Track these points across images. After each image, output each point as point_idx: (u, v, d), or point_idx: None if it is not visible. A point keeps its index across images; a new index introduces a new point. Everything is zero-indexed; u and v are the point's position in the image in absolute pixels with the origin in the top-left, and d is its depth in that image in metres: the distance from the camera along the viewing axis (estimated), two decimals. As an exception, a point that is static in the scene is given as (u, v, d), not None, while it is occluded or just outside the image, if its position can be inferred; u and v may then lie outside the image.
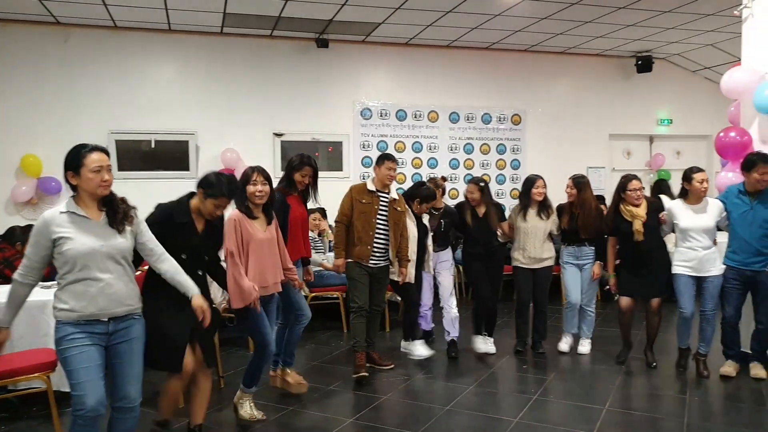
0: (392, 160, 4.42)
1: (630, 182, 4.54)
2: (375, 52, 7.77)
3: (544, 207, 4.95)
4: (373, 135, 7.81)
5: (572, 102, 8.51)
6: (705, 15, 6.60)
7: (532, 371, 4.65)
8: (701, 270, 4.32)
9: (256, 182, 3.40)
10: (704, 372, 4.37)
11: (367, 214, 4.36)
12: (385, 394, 4.13)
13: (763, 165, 4.03)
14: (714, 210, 4.32)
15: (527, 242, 4.91)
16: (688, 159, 8.60)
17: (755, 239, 4.10)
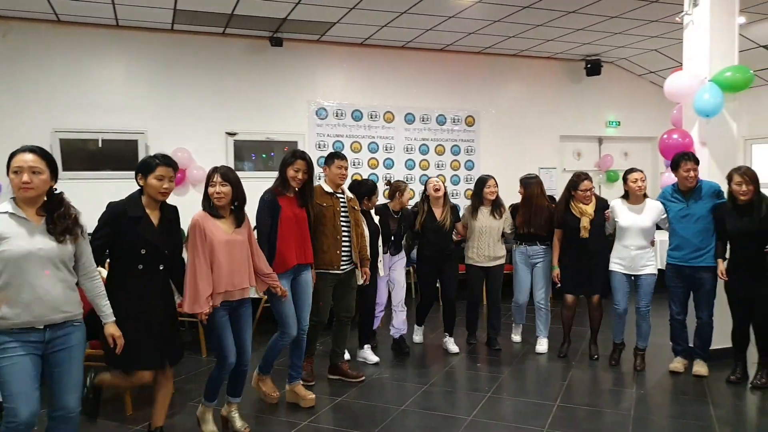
0: (342, 159, 4.26)
1: (582, 182, 4.67)
2: (330, 51, 7.73)
3: (497, 207, 5.05)
4: (329, 135, 7.76)
5: (524, 104, 8.67)
6: (649, 21, 6.83)
7: (486, 369, 4.72)
8: (634, 268, 4.49)
9: (215, 183, 3.25)
10: (640, 366, 4.55)
11: (331, 217, 4.18)
12: (340, 396, 4.10)
13: (685, 162, 4.24)
14: (653, 210, 4.46)
15: (481, 241, 5.00)
16: (635, 160, 8.90)
17: (693, 235, 4.27)
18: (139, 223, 2.91)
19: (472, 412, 3.77)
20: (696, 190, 4.30)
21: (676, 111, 5.08)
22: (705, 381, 4.27)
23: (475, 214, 5.03)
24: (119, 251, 2.94)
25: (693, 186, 4.29)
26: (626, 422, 3.59)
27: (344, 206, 4.30)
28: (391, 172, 8.02)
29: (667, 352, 4.65)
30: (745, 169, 4.02)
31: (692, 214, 4.29)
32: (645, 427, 3.55)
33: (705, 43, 4.67)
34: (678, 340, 4.53)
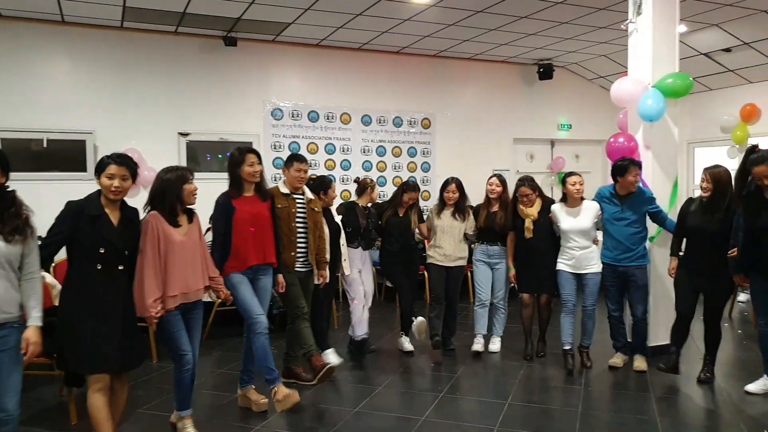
0: (301, 161, 4.24)
1: (519, 189, 4.81)
2: (286, 52, 7.68)
3: (460, 209, 5.07)
4: (285, 136, 7.71)
5: (479, 107, 8.80)
6: (598, 27, 7.03)
7: (440, 369, 4.76)
8: (579, 268, 4.62)
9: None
10: (587, 363, 4.69)
11: (286, 219, 4.13)
12: (296, 398, 4.07)
13: (632, 167, 4.40)
14: (590, 212, 4.59)
15: (443, 241, 5.03)
16: (585, 162, 9.17)
17: (625, 238, 4.45)
18: (97, 221, 2.85)
19: (425, 412, 3.81)
20: (633, 195, 4.47)
21: (622, 115, 5.24)
22: (646, 376, 4.42)
23: (439, 214, 5.11)
24: (78, 250, 2.86)
25: (633, 191, 4.46)
26: (573, 418, 3.68)
27: (302, 208, 4.27)
28: (348, 174, 8.02)
29: (609, 348, 4.79)
30: (714, 168, 4.12)
31: (626, 217, 4.47)
32: (591, 422, 3.65)
33: (648, 50, 4.83)
34: (617, 336, 4.70)
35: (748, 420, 3.62)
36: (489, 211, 5.02)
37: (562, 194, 4.74)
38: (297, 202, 4.24)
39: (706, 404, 3.96)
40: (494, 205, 5.03)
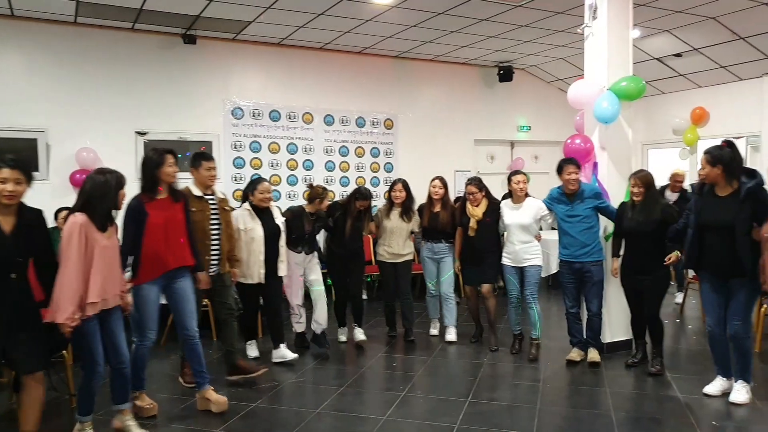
0: (210, 160, 4.22)
1: (466, 187, 5.09)
2: (246, 50, 7.59)
3: (406, 210, 5.34)
4: (245, 135, 7.61)
5: (441, 108, 8.87)
6: (556, 31, 7.18)
7: (401, 368, 4.79)
8: (520, 261, 4.89)
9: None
10: (533, 355, 4.86)
11: (201, 222, 4.09)
12: (254, 402, 4.03)
13: (567, 166, 4.60)
14: (532, 208, 4.85)
15: (391, 240, 5.36)
16: (545, 163, 9.31)
17: (578, 234, 4.62)
18: None
19: (387, 411, 3.82)
20: (579, 192, 4.66)
21: (579, 117, 5.36)
22: (603, 371, 4.53)
23: (388, 214, 5.39)
24: None
25: (575, 189, 4.63)
26: (532, 414, 3.75)
27: (215, 209, 4.26)
28: (311, 174, 7.98)
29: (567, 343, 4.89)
30: (640, 173, 4.40)
31: (576, 214, 4.64)
32: (549, 417, 3.73)
33: (603, 54, 4.95)
34: (574, 332, 4.83)
35: (698, 411, 3.75)
36: (432, 212, 5.32)
37: (508, 191, 5.02)
38: (210, 205, 4.24)
39: (658, 397, 4.07)
40: (437, 205, 5.31)
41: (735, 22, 6.58)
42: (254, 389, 4.25)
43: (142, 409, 3.70)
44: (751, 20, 6.45)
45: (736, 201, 3.64)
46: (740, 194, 3.63)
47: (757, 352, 4.91)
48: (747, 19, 6.44)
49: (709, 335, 4.00)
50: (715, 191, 3.78)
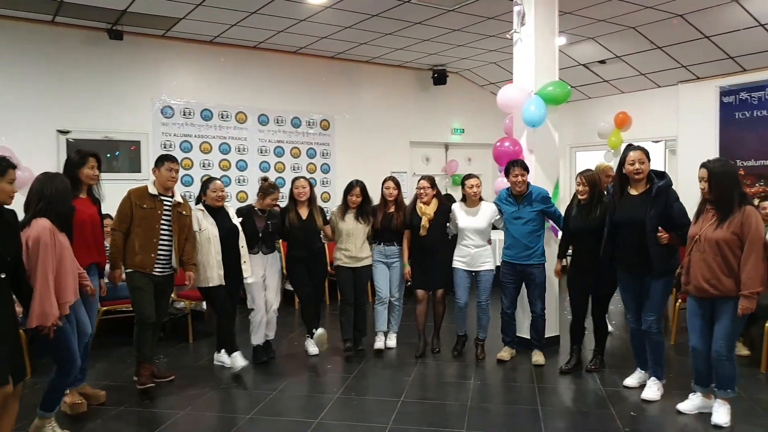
0: (173, 161, 4.21)
1: (419, 181, 5.02)
2: (177, 48, 7.37)
3: (363, 212, 5.12)
4: (176, 135, 7.39)
5: (377, 110, 8.92)
6: (488, 36, 7.36)
7: (337, 370, 4.77)
8: (474, 265, 4.85)
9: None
10: (481, 355, 4.91)
11: (149, 219, 4.10)
12: (183, 408, 3.92)
13: (513, 168, 4.65)
14: (487, 212, 4.84)
15: (348, 243, 5.09)
16: (477, 165, 9.54)
17: (522, 236, 4.66)
18: None
19: (320, 414, 3.80)
20: (526, 195, 4.69)
21: (508, 120, 5.52)
22: (533, 368, 4.66)
23: (343, 216, 5.14)
24: None
25: (522, 191, 4.68)
26: (463, 412, 3.82)
27: (168, 211, 4.21)
28: (245, 174, 7.85)
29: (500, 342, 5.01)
30: (586, 173, 4.41)
31: (522, 216, 4.68)
32: (480, 414, 3.81)
33: (531, 59, 5.12)
34: (507, 332, 4.92)
35: (619, 403, 3.94)
36: (386, 212, 5.14)
37: (462, 195, 4.95)
38: (164, 205, 4.20)
39: (582, 390, 4.24)
40: (390, 206, 5.14)
41: (652, 32, 6.95)
42: (185, 396, 4.14)
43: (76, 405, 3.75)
44: (666, 31, 6.84)
45: (648, 199, 3.82)
46: (652, 193, 3.81)
47: (672, 344, 5.22)
48: (663, 30, 6.81)
49: (630, 330, 4.19)
50: (629, 190, 3.94)
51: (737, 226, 3.34)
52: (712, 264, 3.42)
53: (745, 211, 3.34)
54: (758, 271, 3.29)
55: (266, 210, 4.91)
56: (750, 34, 6.49)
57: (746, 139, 7.28)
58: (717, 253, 3.39)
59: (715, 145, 7.53)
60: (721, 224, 3.40)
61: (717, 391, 3.57)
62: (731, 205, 3.38)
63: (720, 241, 3.38)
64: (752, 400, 3.88)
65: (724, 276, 3.39)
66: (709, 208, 3.51)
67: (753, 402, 3.86)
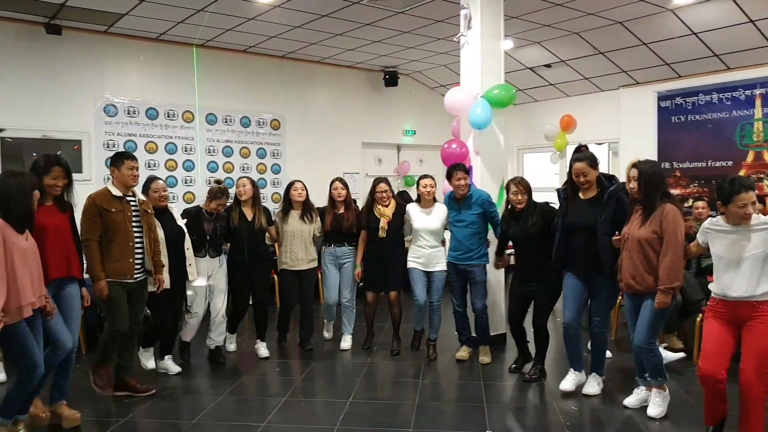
0: (133, 159, 4.03)
1: (378, 185, 4.98)
2: (121, 44, 7.16)
3: (307, 210, 5.10)
4: (120, 134, 7.18)
5: (329, 110, 8.89)
6: (437, 39, 7.45)
7: (286, 374, 4.73)
8: (428, 265, 4.88)
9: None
10: (432, 355, 4.94)
11: (122, 223, 3.90)
12: (127, 414, 3.81)
13: (455, 171, 4.69)
14: (440, 213, 4.88)
15: (293, 245, 5.04)
16: (429, 166, 9.60)
17: (464, 238, 4.72)
18: None
19: (267, 417, 3.76)
20: (467, 198, 4.73)
21: (455, 122, 5.59)
22: (480, 367, 4.73)
23: (286, 218, 5.07)
24: None
25: (464, 194, 4.73)
26: (411, 411, 3.85)
27: (136, 210, 4.05)
28: (192, 175, 7.69)
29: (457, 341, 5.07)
30: (520, 180, 4.39)
31: (463, 219, 4.73)
32: (427, 412, 3.84)
33: (477, 62, 5.21)
34: (462, 330, 4.98)
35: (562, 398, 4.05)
36: (336, 213, 5.12)
37: (417, 195, 4.97)
38: (131, 205, 4.03)
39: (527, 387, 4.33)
40: (340, 207, 5.13)
41: (594, 38, 7.18)
42: (126, 403, 4.02)
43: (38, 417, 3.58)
44: (607, 37, 7.08)
45: (599, 203, 3.90)
46: (602, 197, 3.90)
47: (613, 339, 5.40)
48: (604, 35, 7.05)
49: (564, 330, 4.15)
50: (580, 195, 4.02)
51: (657, 224, 3.48)
52: (636, 261, 3.55)
53: (664, 210, 3.47)
54: (674, 267, 3.42)
55: (214, 212, 4.81)
56: (684, 42, 6.79)
57: (681, 142, 7.61)
58: (640, 251, 3.53)
59: (653, 147, 7.84)
60: (644, 223, 3.54)
61: (650, 380, 3.71)
62: (654, 204, 3.51)
63: (642, 240, 3.52)
64: (685, 391, 4.06)
65: (646, 273, 3.52)
66: (637, 208, 3.64)
67: (686, 394, 4.03)
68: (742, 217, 3.02)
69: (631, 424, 3.62)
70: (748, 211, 3.00)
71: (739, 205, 3.00)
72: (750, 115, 6.98)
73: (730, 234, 3.10)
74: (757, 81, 6.89)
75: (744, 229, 3.06)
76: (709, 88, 7.33)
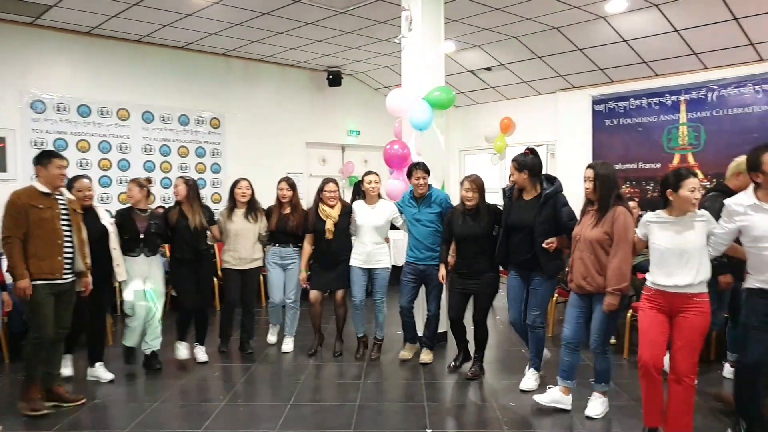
0: (61, 158, 3.92)
1: (326, 185, 4.96)
2: (49, 37, 6.83)
3: (252, 209, 5.04)
4: (48, 131, 6.85)
5: (271, 109, 8.77)
6: (380, 40, 7.47)
7: (225, 378, 4.63)
8: (370, 263, 4.88)
9: None
10: (374, 356, 4.97)
11: (50, 220, 3.78)
12: (50, 428, 3.63)
13: (415, 170, 4.72)
14: (385, 210, 4.89)
15: (237, 244, 4.98)
16: (373, 166, 9.60)
17: (423, 237, 4.73)
18: None
19: (204, 423, 3.67)
20: (426, 197, 4.76)
21: (397, 124, 5.63)
22: (422, 366, 4.77)
23: (231, 216, 5.01)
24: None
25: (423, 192, 4.75)
26: (352, 412, 3.84)
27: (64, 208, 3.92)
28: (127, 174, 7.41)
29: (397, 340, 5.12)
30: (474, 178, 4.43)
31: (421, 218, 4.76)
32: (368, 414, 3.84)
33: (418, 64, 5.25)
34: (407, 329, 4.99)
35: (499, 394, 4.15)
36: (281, 214, 5.09)
37: (362, 192, 4.98)
38: (59, 202, 3.90)
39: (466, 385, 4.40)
40: (285, 207, 5.10)
41: (532, 42, 7.38)
42: (55, 414, 3.83)
43: None
44: (545, 42, 7.29)
45: (537, 204, 4.03)
46: (540, 199, 4.02)
47: (550, 336, 5.56)
48: (542, 40, 7.26)
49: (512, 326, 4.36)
50: (522, 195, 4.15)
51: (609, 225, 3.54)
52: (587, 262, 3.61)
53: (616, 211, 3.53)
54: (622, 269, 3.48)
55: (147, 210, 4.69)
56: (616, 48, 7.07)
57: (614, 145, 7.93)
58: (591, 251, 3.59)
59: (588, 149, 8.13)
60: (597, 224, 3.59)
61: (594, 384, 3.81)
62: (608, 205, 3.57)
63: (593, 241, 3.58)
64: (616, 384, 4.22)
65: (596, 273, 3.58)
66: (590, 209, 3.70)
67: (617, 386, 4.19)
68: (691, 203, 3.14)
69: (567, 420, 3.73)
70: (697, 195, 3.12)
71: (689, 189, 3.10)
72: (676, 120, 7.34)
73: (673, 225, 3.21)
74: (682, 88, 7.25)
75: (685, 220, 3.18)
76: (639, 94, 7.66)
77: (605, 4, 6.13)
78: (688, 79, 7.19)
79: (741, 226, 3.12)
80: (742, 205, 3.11)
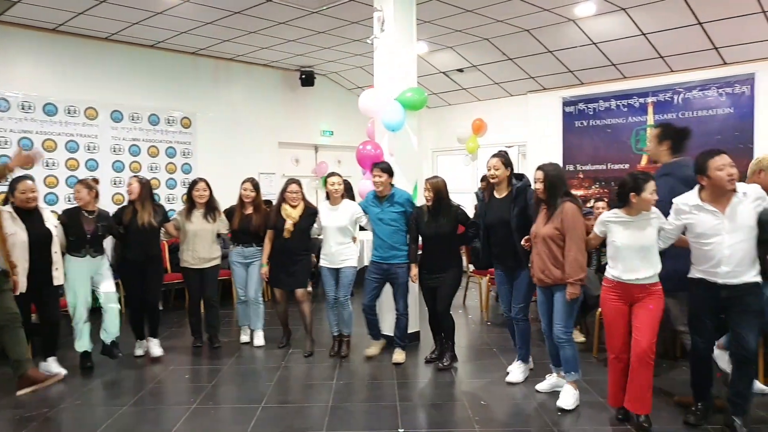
0: None
1: (289, 185, 4.99)
2: (13, 34, 6.67)
3: (210, 209, 5.11)
4: (13, 131, 6.68)
5: (243, 109, 8.70)
6: (353, 40, 7.46)
7: (195, 379, 4.58)
8: (335, 262, 4.93)
9: None
10: (345, 352, 5.01)
11: None
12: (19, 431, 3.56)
13: (374, 169, 4.77)
14: (348, 210, 4.94)
15: (195, 243, 5.06)
16: (347, 166, 9.63)
17: (387, 236, 4.77)
18: None
19: (173, 427, 3.62)
20: (389, 196, 4.80)
21: (370, 124, 5.63)
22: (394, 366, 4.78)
23: (189, 216, 5.09)
24: None
25: (383, 192, 4.78)
26: (324, 413, 3.84)
27: None
28: (96, 175, 7.27)
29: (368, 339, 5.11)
30: (431, 179, 4.59)
31: (384, 217, 4.79)
32: (341, 414, 3.83)
33: (391, 65, 5.27)
34: (371, 327, 5.04)
35: (472, 393, 4.18)
36: (243, 214, 5.17)
37: (326, 193, 5.02)
38: None
39: (438, 384, 4.42)
40: (248, 207, 5.18)
41: (503, 44, 7.46)
42: (18, 418, 3.74)
43: None
44: (516, 44, 7.37)
45: (510, 200, 4.20)
46: (512, 194, 4.19)
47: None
48: (513, 42, 7.34)
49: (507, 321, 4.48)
50: (495, 194, 4.29)
51: (558, 221, 3.74)
52: (543, 257, 3.83)
53: (564, 208, 3.74)
54: (578, 261, 3.69)
55: (95, 211, 4.67)
56: (585, 51, 7.19)
57: (584, 146, 8.06)
58: (546, 247, 3.80)
59: (559, 150, 8.25)
60: (548, 221, 3.81)
61: (565, 375, 3.94)
62: (557, 203, 3.78)
63: (546, 237, 3.79)
64: (586, 382, 4.28)
65: (553, 267, 3.78)
66: (542, 208, 3.90)
67: (587, 383, 4.26)
68: (652, 204, 3.37)
69: (537, 416, 3.78)
70: (656, 197, 3.35)
71: (650, 192, 3.33)
72: (643, 121, 7.50)
73: (630, 223, 3.43)
74: (650, 90, 7.42)
75: (641, 219, 3.42)
76: (608, 95, 7.80)
77: (575, 7, 6.23)
78: (655, 81, 7.36)
79: (686, 223, 3.38)
80: (688, 204, 3.36)
